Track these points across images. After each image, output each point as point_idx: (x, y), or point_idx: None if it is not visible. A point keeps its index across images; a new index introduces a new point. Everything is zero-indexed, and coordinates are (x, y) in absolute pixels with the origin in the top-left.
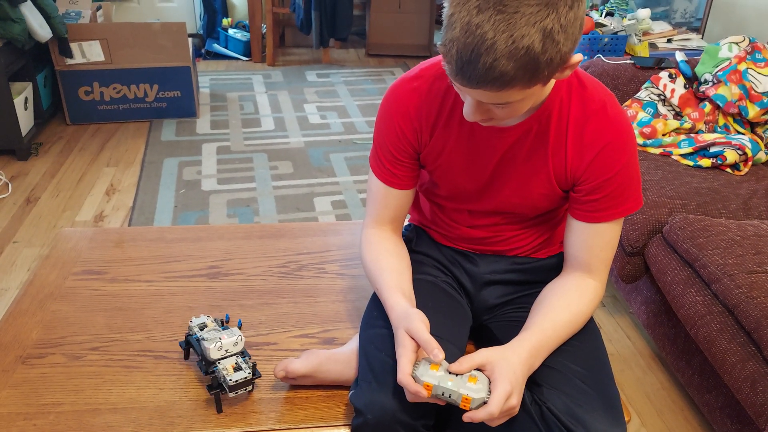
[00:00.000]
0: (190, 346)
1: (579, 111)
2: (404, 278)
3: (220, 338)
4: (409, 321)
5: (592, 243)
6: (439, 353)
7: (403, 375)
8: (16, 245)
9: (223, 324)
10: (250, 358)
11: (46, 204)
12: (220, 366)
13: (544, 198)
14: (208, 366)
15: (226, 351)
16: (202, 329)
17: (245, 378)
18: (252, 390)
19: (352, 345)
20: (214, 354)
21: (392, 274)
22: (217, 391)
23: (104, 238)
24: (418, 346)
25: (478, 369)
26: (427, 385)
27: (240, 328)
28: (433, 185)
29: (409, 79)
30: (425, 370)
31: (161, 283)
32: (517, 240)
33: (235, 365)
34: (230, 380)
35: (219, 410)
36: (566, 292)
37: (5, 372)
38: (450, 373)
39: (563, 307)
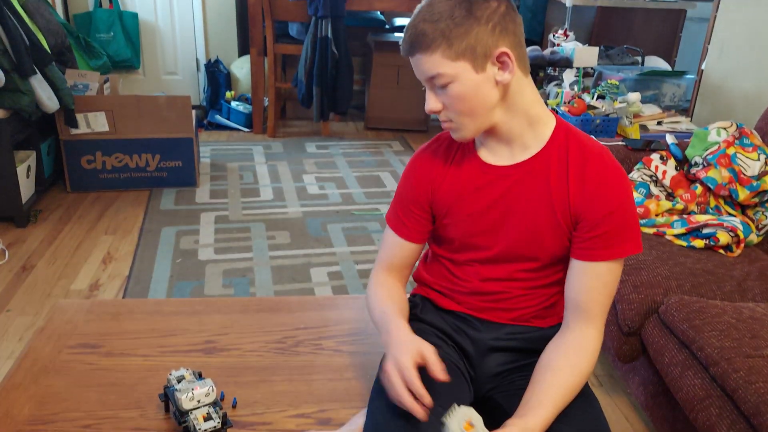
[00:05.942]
0: (168, 398)
1: (578, 153)
2: (404, 315)
3: (192, 389)
4: (421, 342)
5: (591, 285)
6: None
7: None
8: (9, 314)
9: (200, 377)
10: (221, 409)
11: (41, 272)
12: (191, 416)
13: (551, 233)
14: (181, 416)
15: (198, 401)
16: (179, 381)
17: (214, 427)
18: None
19: (351, 427)
20: (186, 404)
21: (395, 306)
22: None
23: (101, 310)
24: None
25: None
26: None
27: (234, 407)
28: (445, 240)
29: (428, 144)
30: (459, 427)
31: (157, 358)
32: (525, 299)
33: (206, 415)
34: (199, 429)
35: None
36: (569, 351)
37: None
38: None
39: (570, 370)
